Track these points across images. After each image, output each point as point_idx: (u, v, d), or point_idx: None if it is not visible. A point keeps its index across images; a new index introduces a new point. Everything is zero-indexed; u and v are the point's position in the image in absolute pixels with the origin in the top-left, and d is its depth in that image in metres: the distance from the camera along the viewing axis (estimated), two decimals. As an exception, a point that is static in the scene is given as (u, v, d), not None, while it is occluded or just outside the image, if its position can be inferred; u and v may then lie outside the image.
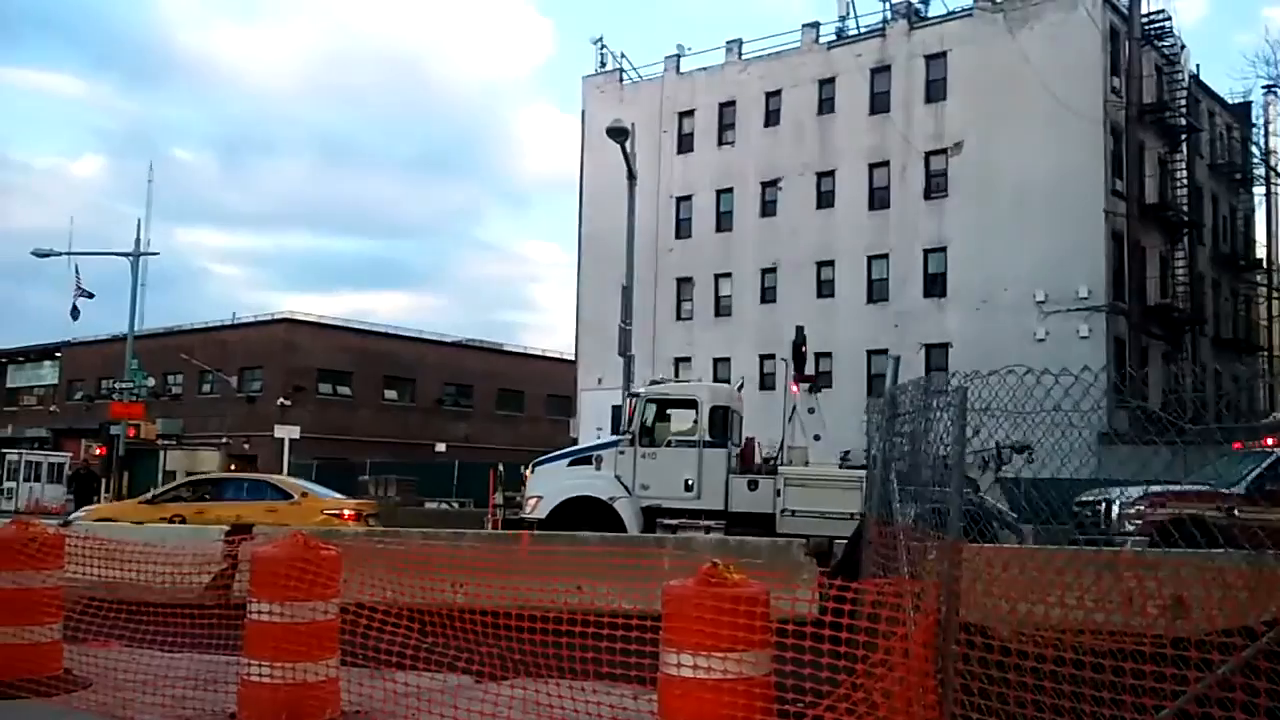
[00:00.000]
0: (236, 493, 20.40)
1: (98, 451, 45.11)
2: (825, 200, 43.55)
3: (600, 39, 51.50)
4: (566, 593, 6.63)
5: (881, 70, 42.58)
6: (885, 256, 41.65)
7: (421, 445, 55.23)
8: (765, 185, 45.18)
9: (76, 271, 43.43)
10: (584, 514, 17.47)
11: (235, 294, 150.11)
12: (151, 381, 49.74)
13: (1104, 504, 16.79)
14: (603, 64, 50.72)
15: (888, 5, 43.10)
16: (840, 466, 18.66)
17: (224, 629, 6.63)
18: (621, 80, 49.89)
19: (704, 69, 47.93)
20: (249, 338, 59.30)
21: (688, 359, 45.93)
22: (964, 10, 41.26)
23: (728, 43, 47.29)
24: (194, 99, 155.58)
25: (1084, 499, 17.10)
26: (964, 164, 39.87)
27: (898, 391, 6.68)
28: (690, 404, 18.48)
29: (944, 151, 40.48)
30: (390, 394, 61.44)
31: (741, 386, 20.85)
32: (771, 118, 45.47)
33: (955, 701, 4.83)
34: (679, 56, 48.72)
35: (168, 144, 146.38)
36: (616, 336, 25.49)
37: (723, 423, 18.23)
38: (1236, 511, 15.32)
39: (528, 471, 19.81)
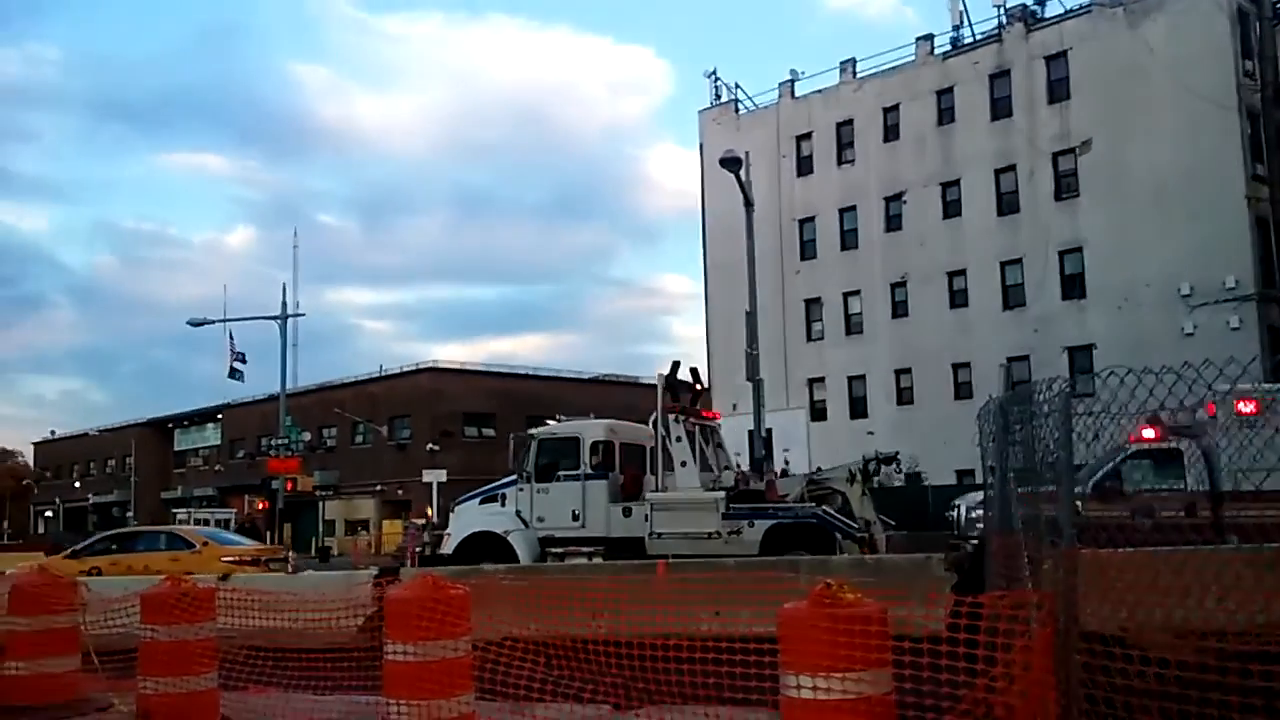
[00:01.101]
0: (147, 544, 22.11)
1: (260, 506, 47.05)
2: (952, 210, 42.90)
3: (713, 72, 51.67)
4: (704, 619, 6.70)
5: (1000, 75, 41.84)
6: (1018, 261, 40.75)
7: (565, 483, 55.91)
8: (889, 200, 44.71)
9: (230, 337, 45.55)
10: (487, 548, 18.78)
11: (385, 347, 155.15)
12: (307, 436, 51.77)
13: (956, 508, 16.56)
14: (717, 96, 51.07)
15: (1002, 10, 42.35)
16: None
17: (374, 670, 6.85)
18: (737, 110, 50.12)
19: (819, 91, 47.82)
20: (396, 388, 61.23)
21: (821, 379, 45.58)
22: (1082, 8, 40.25)
23: (841, 63, 47.15)
24: (335, 166, 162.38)
25: (955, 503, 17.08)
26: (1094, 162, 38.78)
27: (1009, 400, 6.61)
28: (574, 442, 19.76)
29: (1072, 151, 39.45)
30: (532, 434, 62.46)
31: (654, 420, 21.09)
32: (890, 133, 45.05)
33: (1080, 713, 4.75)
34: (793, 81, 48.72)
35: (313, 211, 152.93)
36: (745, 362, 25.48)
37: (604, 456, 19.58)
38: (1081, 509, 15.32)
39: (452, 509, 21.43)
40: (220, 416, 73.45)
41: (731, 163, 25.98)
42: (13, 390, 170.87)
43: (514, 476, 19.98)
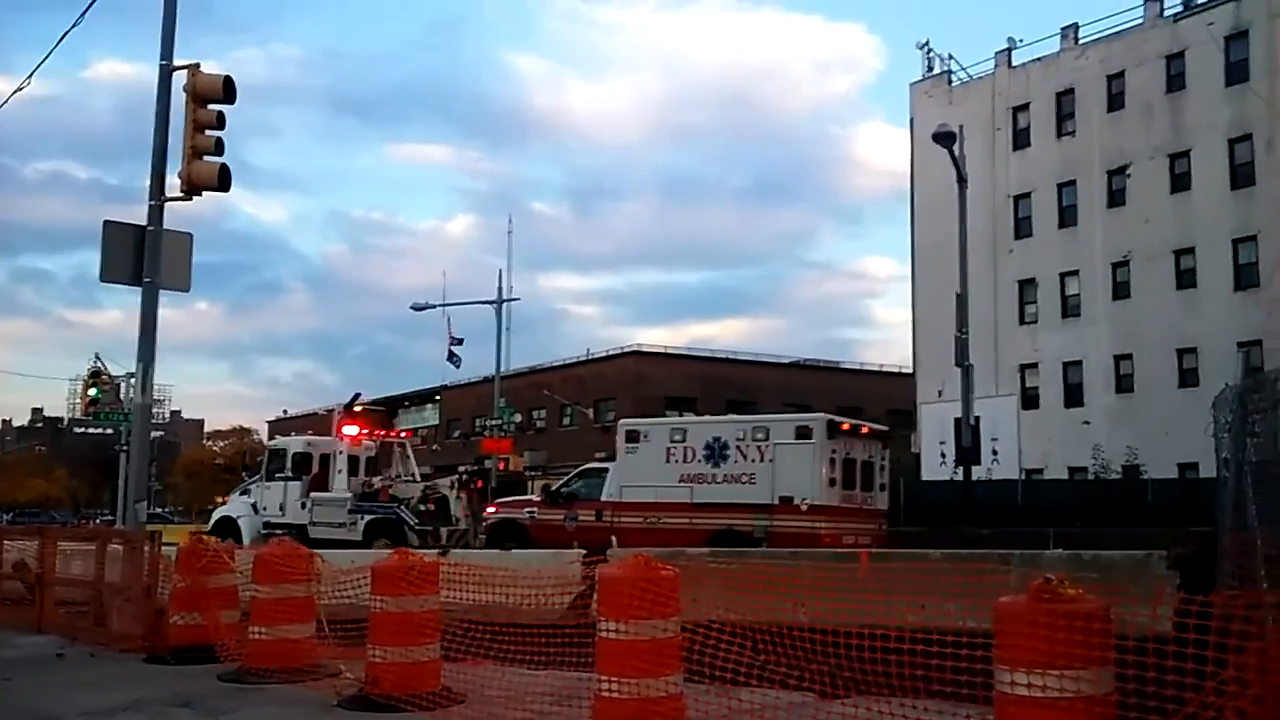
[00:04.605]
0: None
1: (477, 484, 48.71)
2: (1180, 183, 40.51)
3: (926, 43, 50.21)
4: (909, 610, 6.59)
5: (1237, 37, 39.12)
6: (1253, 238, 38.12)
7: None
8: (1111, 174, 42.56)
9: (449, 321, 47.47)
10: (231, 529, 25.10)
11: (591, 331, 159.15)
12: (518, 417, 53.27)
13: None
14: (930, 68, 49.70)
15: (1241, -35, 39.56)
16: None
17: (583, 647, 7.00)
18: (950, 82, 48.64)
19: (1038, 59, 45.95)
20: (602, 371, 62.42)
21: (1034, 365, 43.88)
22: (1333, -41, 37.23)
23: (1062, 29, 45.22)
24: (549, 154, 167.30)
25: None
26: (1340, 129, 35.83)
27: (1249, 388, 6.20)
28: (284, 452, 26.46)
29: (1316, 117, 36.55)
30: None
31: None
32: (1115, 101, 42.86)
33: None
34: (1009, 50, 46.94)
35: (527, 198, 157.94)
36: (953, 346, 24.84)
37: (303, 463, 25.71)
38: (536, 514, 23.16)
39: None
40: (439, 397, 76.45)
41: (944, 138, 25.36)
42: (252, 372, 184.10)
43: (257, 476, 26.60)
